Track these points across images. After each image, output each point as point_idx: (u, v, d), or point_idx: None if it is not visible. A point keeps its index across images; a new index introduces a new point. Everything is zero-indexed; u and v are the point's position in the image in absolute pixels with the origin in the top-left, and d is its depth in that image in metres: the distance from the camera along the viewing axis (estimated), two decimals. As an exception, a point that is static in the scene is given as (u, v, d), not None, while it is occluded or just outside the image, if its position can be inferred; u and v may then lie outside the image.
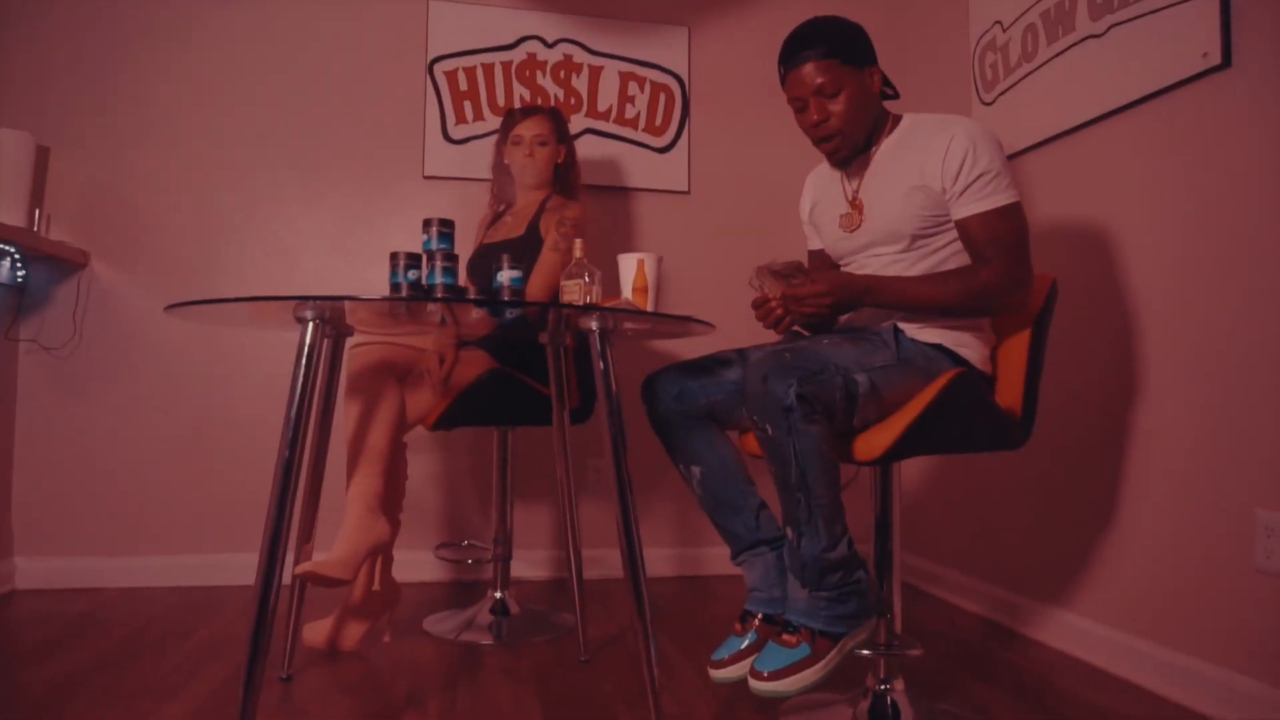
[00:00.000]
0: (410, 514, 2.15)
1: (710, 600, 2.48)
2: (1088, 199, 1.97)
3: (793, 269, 1.45)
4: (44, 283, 2.44)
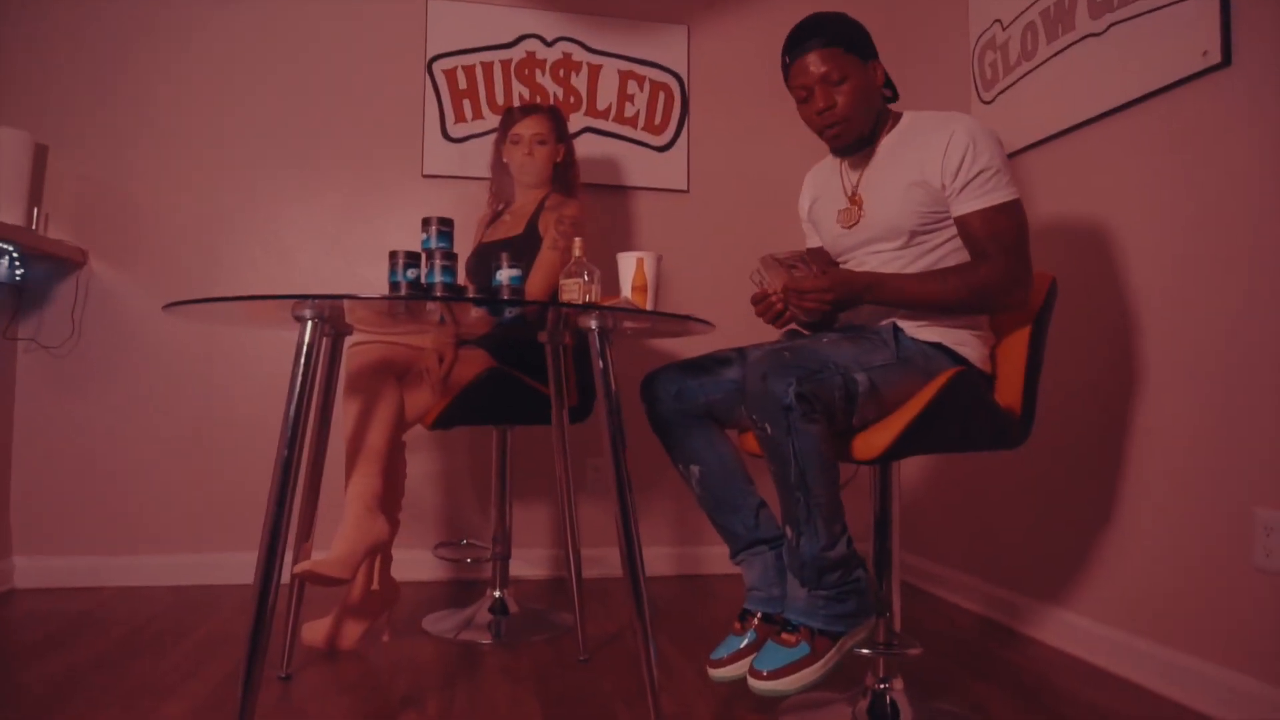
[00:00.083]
0: (409, 513, 2.15)
1: (709, 599, 2.48)
2: (1087, 197, 1.97)
3: (796, 258, 1.45)
4: (42, 281, 2.44)
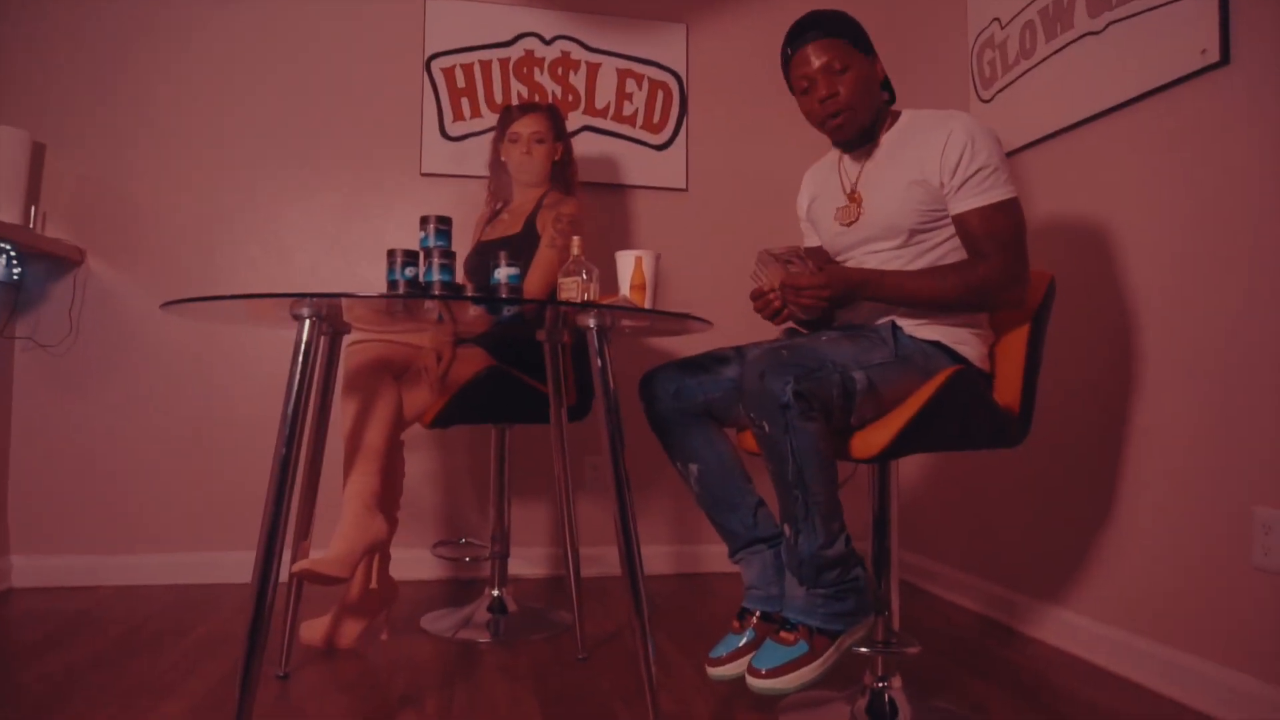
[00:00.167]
0: (408, 512, 2.15)
1: (708, 598, 2.48)
2: (1086, 196, 1.97)
3: (792, 253, 1.45)
4: (40, 280, 2.44)
